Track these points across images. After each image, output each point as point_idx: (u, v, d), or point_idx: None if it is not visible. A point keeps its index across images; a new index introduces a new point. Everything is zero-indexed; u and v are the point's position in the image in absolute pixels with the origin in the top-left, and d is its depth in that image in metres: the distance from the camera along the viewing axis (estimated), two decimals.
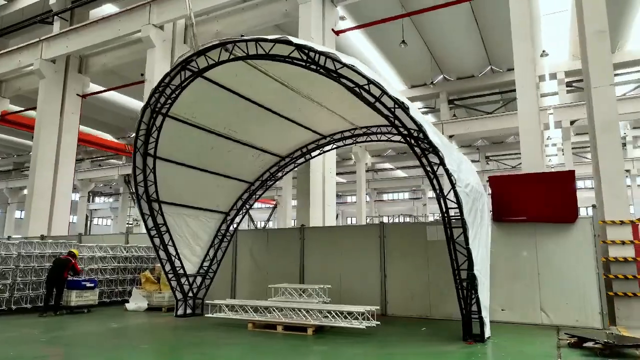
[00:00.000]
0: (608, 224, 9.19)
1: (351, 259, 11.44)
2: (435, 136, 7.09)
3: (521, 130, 10.78)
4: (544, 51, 23.88)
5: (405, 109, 6.62)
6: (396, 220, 49.45)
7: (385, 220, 47.35)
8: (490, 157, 43.17)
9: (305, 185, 13.46)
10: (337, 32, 15.78)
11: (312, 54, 6.93)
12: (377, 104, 7.02)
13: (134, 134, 9.47)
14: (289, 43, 6.99)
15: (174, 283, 10.63)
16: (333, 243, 11.87)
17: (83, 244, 13.75)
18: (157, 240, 10.37)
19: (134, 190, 9.97)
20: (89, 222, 54.64)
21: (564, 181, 9.39)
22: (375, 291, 10.96)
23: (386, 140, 12.15)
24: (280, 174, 12.89)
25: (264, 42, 7.42)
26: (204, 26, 18.09)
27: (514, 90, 11.39)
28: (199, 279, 11.27)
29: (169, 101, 9.10)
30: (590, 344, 6.71)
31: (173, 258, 10.55)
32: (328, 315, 8.47)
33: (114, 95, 26.51)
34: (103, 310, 11.80)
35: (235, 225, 12.31)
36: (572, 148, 26.25)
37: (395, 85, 27.28)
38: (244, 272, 12.92)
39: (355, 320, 8.00)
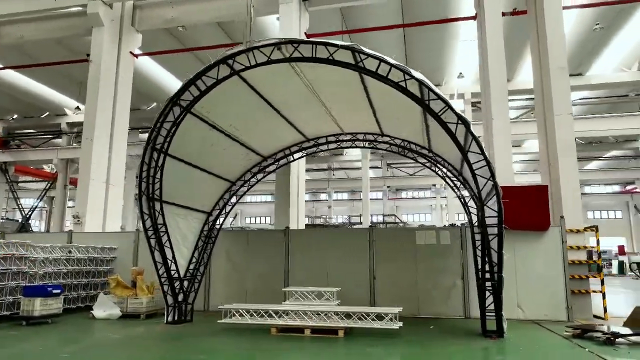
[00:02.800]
0: (568, 233, 10.90)
1: (339, 261, 11.79)
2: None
3: (495, 148, 12.14)
4: (460, 73, 26.76)
5: (467, 125, 7.26)
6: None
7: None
8: (391, 164, 46.36)
9: (284, 186, 13.43)
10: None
11: (383, 64, 7.19)
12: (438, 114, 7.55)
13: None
14: (362, 52, 7.18)
15: (166, 287, 9.94)
16: (320, 245, 12.09)
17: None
18: (152, 242, 9.62)
19: (141, 188, 9.13)
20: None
21: (538, 195, 10.89)
22: (365, 293, 11.46)
23: (371, 147, 12.72)
24: (261, 175, 12.72)
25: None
26: (156, 10, 16.89)
27: None
28: (185, 283, 10.65)
29: (190, 96, 8.57)
30: (592, 334, 8.04)
31: (169, 262, 9.87)
32: (352, 316, 8.76)
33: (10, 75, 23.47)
34: (67, 319, 10.50)
35: (218, 226, 11.84)
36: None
37: None
38: (219, 274, 12.46)
39: (389, 322, 8.41)
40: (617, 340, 7.65)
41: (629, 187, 46.87)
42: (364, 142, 12.63)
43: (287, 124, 11.32)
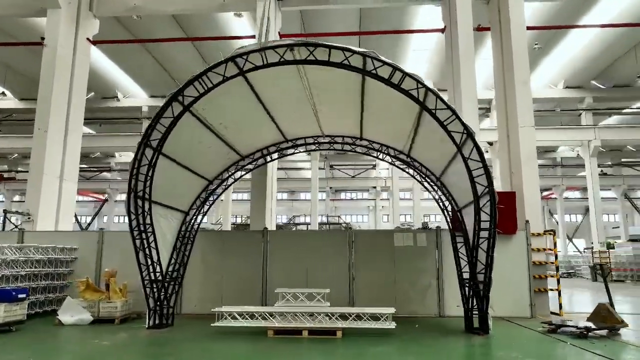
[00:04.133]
0: (532, 236, 11.85)
1: (319, 262, 11.90)
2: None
3: None
4: None
5: (472, 135, 7.70)
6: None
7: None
8: (334, 166, 47.16)
9: (260, 186, 13.26)
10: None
11: (398, 73, 7.42)
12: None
13: None
14: (377, 59, 7.35)
15: (148, 290, 9.48)
16: (299, 247, 12.11)
17: None
18: (137, 242, 9.13)
19: (130, 185, 8.61)
20: None
21: (507, 200, 11.72)
22: (344, 293, 11.66)
23: (350, 151, 12.94)
24: (239, 174, 12.48)
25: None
26: None
27: None
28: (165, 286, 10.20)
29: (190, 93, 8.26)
30: (565, 330, 8.85)
31: (155, 263, 9.42)
32: (348, 317, 8.92)
33: None
34: (31, 326, 9.64)
35: (196, 226, 11.44)
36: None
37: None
38: (193, 276, 11.99)
39: (385, 322, 8.66)
40: (589, 334, 8.49)
41: (545, 194, 51.30)
42: (343, 145, 12.82)
43: (272, 124, 11.23)
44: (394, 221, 35.61)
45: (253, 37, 22.40)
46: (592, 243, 30.40)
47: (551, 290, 11.86)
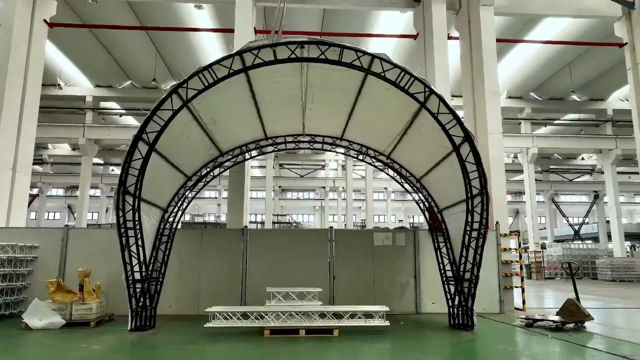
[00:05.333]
0: (501, 236, 12.57)
1: (300, 261, 11.86)
2: None
3: None
4: None
5: (472, 140, 8.05)
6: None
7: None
8: (283, 165, 47.03)
9: (238, 184, 12.96)
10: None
11: (407, 77, 7.62)
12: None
13: None
14: (388, 62, 7.50)
15: (131, 290, 8.97)
16: (279, 245, 12.00)
17: None
18: (123, 240, 8.62)
19: (121, 180, 8.09)
20: None
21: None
22: (325, 292, 11.68)
23: (329, 150, 13.01)
24: (217, 171, 12.14)
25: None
26: None
27: None
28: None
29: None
30: (540, 324, 9.50)
31: (141, 262, 8.93)
32: (342, 315, 9.00)
33: None
34: None
35: (175, 224, 10.98)
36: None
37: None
38: (168, 275, 11.46)
39: (380, 319, 8.82)
40: (564, 327, 9.18)
41: None
42: (323, 144, 12.87)
43: (258, 120, 11.07)
44: (347, 221, 36.16)
45: (215, 30, 21.94)
46: (524, 244, 32.69)
47: (516, 287, 12.64)
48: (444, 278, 10.25)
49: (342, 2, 17.25)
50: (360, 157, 12.70)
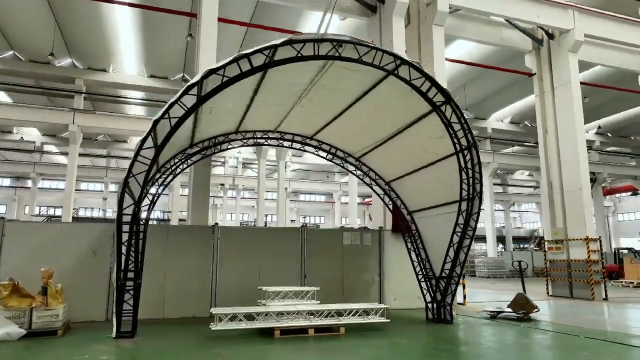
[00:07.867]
0: None
1: (272, 260, 11.62)
2: None
3: None
4: None
5: (476, 147, 8.83)
6: None
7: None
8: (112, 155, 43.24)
9: (203, 179, 12.12)
10: None
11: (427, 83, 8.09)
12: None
13: None
14: (419, 70, 7.88)
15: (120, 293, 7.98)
16: (251, 244, 11.60)
17: None
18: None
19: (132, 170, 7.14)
20: None
21: None
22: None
23: (297, 149, 12.93)
24: (186, 164, 11.32)
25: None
26: None
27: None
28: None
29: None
30: (502, 315, 10.72)
31: (130, 259, 7.99)
32: (343, 313, 9.11)
33: None
34: None
35: (144, 220, 9.95)
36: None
37: None
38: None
39: (380, 317, 9.13)
40: (524, 318, 10.49)
41: (366, 200, 57.75)
42: (292, 143, 12.75)
43: (242, 112, 10.60)
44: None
45: (134, 5, 19.60)
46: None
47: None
48: (421, 276, 10.94)
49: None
50: (329, 157, 12.87)
